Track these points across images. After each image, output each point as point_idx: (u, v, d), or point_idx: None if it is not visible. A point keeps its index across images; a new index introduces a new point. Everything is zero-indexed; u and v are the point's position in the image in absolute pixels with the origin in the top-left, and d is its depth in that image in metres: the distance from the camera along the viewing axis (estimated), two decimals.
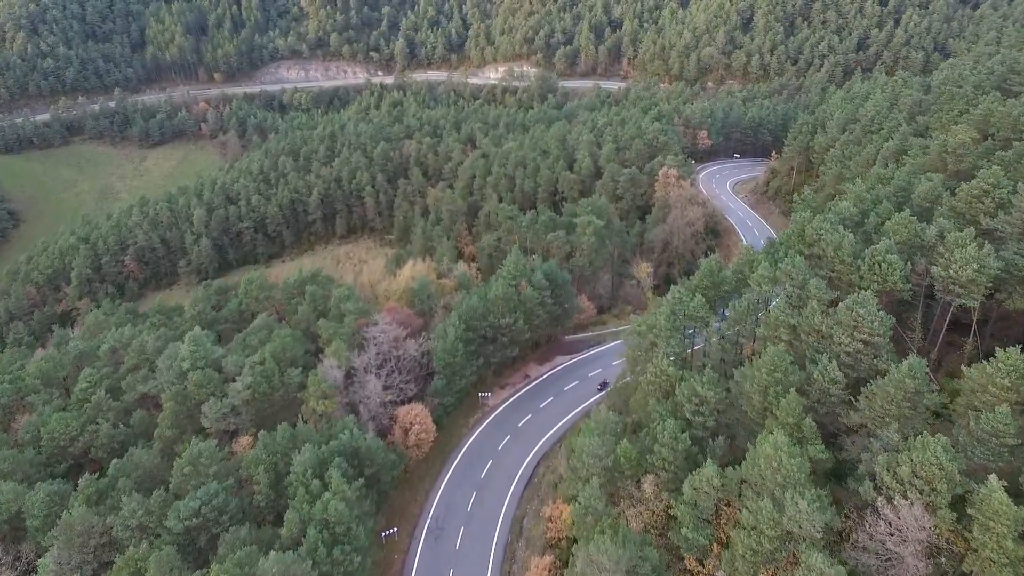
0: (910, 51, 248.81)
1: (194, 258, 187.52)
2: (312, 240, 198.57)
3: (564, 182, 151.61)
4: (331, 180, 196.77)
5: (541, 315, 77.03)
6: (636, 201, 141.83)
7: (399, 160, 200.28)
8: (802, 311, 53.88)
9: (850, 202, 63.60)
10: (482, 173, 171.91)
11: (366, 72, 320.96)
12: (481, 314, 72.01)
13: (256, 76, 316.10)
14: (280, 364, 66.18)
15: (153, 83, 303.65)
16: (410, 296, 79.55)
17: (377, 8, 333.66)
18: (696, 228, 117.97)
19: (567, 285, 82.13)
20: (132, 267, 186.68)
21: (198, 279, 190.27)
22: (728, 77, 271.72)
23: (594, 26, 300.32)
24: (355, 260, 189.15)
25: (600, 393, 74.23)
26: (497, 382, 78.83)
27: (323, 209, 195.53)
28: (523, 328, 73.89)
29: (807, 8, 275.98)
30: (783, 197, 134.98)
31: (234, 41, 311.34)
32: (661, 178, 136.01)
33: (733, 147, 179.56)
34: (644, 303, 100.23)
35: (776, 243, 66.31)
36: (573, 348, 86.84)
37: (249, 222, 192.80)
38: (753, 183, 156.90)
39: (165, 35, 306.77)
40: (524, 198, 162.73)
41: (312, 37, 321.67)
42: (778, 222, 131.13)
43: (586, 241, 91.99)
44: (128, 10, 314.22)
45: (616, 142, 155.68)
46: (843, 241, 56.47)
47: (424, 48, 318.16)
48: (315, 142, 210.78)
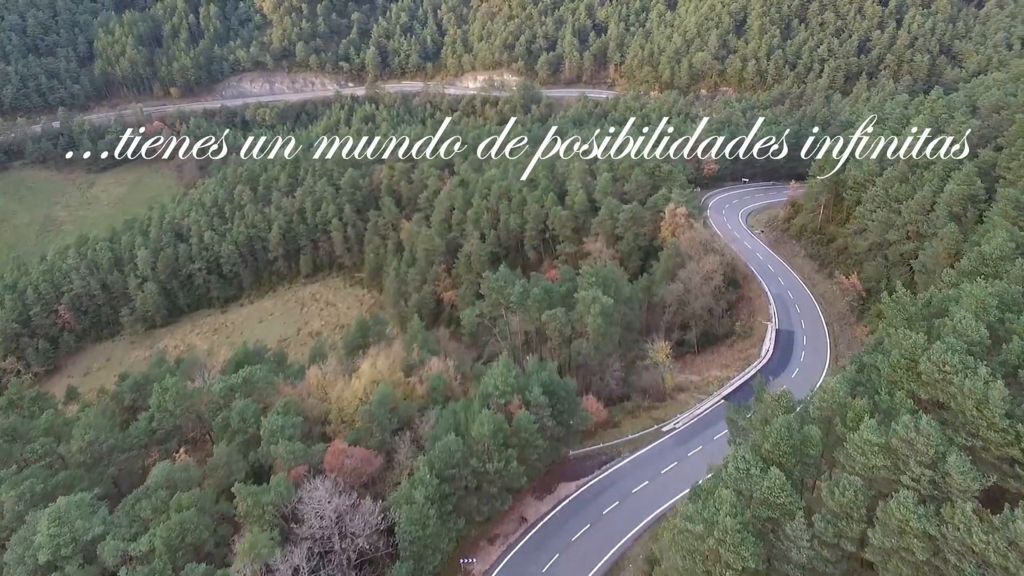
0: (915, 54, 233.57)
1: (139, 305, 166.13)
2: (274, 280, 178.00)
3: (555, 219, 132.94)
4: (293, 213, 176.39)
5: (541, 446, 58.25)
6: (638, 241, 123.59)
7: (369, 188, 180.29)
8: (943, 511, 35.62)
9: (970, 312, 45.63)
10: (461, 205, 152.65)
11: (336, 83, 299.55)
12: (461, 459, 53.08)
13: (216, 90, 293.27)
14: (177, 556, 46.85)
15: (102, 100, 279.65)
16: (368, 419, 60.29)
17: (346, 14, 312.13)
18: (715, 282, 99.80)
19: (571, 395, 63.43)
20: (67, 317, 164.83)
21: (144, 328, 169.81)
22: (722, 84, 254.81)
23: (578, 30, 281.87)
24: (322, 303, 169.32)
25: None
26: (483, 534, 59.78)
27: (285, 246, 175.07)
28: (517, 472, 55.13)
29: (803, 9, 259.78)
30: (808, 236, 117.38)
31: (191, 53, 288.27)
32: (668, 217, 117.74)
33: (740, 171, 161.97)
34: (662, 391, 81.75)
35: (867, 369, 48.04)
36: (580, 469, 68.06)
37: (201, 262, 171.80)
38: (768, 214, 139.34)
39: (115, 47, 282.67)
40: (510, 236, 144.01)
41: (277, 47, 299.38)
42: (804, 267, 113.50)
43: (591, 323, 73.45)
44: (74, 21, 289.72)
45: (612, 171, 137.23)
46: (989, 393, 38.27)
47: (397, 57, 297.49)
48: (276, 169, 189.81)
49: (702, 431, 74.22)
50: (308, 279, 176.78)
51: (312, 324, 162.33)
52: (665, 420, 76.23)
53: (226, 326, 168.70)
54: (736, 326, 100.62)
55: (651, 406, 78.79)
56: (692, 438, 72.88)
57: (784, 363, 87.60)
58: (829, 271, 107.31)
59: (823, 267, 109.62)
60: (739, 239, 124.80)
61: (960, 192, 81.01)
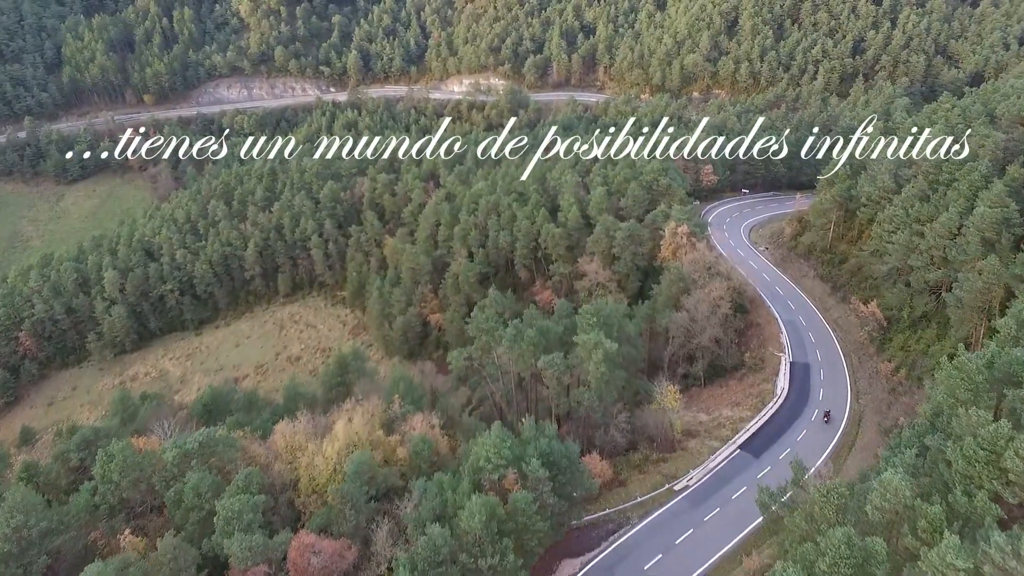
0: (910, 55, 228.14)
1: (106, 330, 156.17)
2: (251, 301, 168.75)
3: (547, 236, 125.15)
4: (271, 228, 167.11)
5: (541, 529, 50.32)
6: (636, 261, 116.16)
7: (350, 202, 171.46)
8: None
9: None
10: (447, 221, 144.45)
11: (316, 89, 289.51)
12: (449, 555, 45.10)
13: (192, 97, 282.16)
14: None
15: (72, 109, 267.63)
16: (340, 500, 52.07)
17: (326, 17, 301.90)
18: (723, 310, 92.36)
19: (575, 463, 55.56)
20: (29, 344, 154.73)
21: (113, 353, 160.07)
22: (715, 87, 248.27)
23: (565, 32, 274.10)
24: (301, 324, 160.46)
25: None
26: None
27: (262, 264, 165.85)
28: (514, 565, 47.16)
29: (796, 9, 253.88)
30: (818, 256, 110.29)
31: (165, 58, 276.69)
32: (668, 236, 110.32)
33: (740, 181, 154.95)
34: (671, 439, 74.15)
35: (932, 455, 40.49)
36: (585, 541, 60.23)
37: (173, 283, 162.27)
38: (771, 228, 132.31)
39: (85, 53, 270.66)
40: (499, 254, 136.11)
41: (255, 52, 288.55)
42: (815, 289, 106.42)
43: (593, 371, 65.63)
44: (41, 25, 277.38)
45: (607, 184, 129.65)
46: None
47: (380, 60, 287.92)
48: (252, 182, 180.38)
49: (718, 489, 66.72)
50: (287, 298, 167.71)
51: (291, 348, 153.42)
52: (676, 476, 68.62)
53: (200, 350, 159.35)
54: (746, 357, 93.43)
55: (660, 458, 71.14)
56: (708, 498, 65.35)
57: (802, 403, 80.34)
58: (843, 294, 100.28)
59: (835, 290, 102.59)
60: (743, 258, 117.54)
61: (992, 216, 74.02)
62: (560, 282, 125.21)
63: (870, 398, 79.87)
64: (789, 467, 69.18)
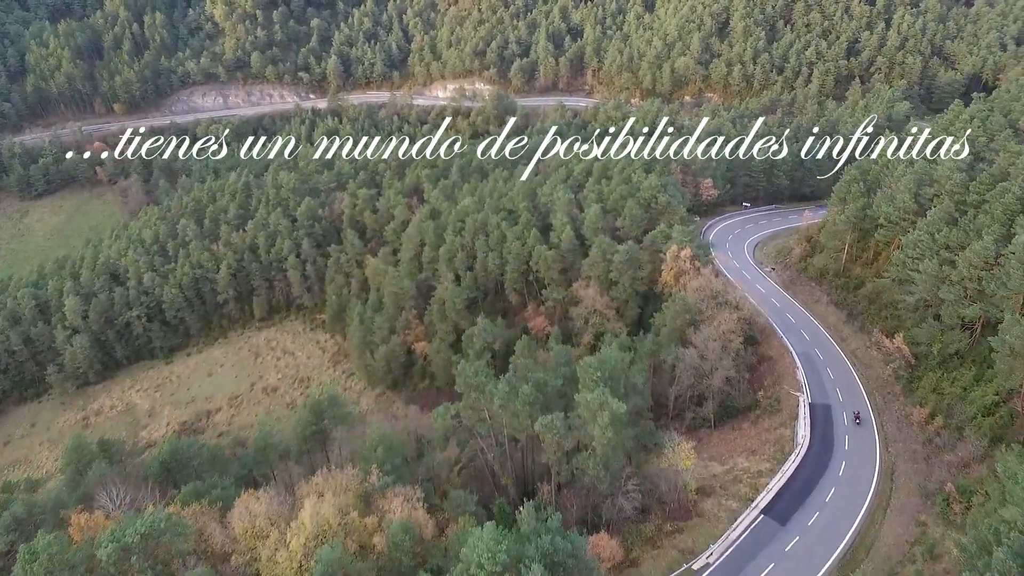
0: (906, 56, 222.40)
1: (67, 361, 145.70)
2: (224, 326, 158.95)
3: (539, 259, 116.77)
4: (244, 249, 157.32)
5: None
6: (635, 286, 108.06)
7: (330, 219, 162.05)
8: None
9: None
10: (432, 241, 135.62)
11: (295, 95, 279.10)
12: None
13: (164, 106, 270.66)
14: None
15: (36, 119, 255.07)
16: None
17: (305, 21, 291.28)
18: (735, 346, 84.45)
19: (582, 561, 47.27)
20: None
21: (76, 385, 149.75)
22: (707, 90, 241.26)
23: (552, 35, 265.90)
24: (279, 351, 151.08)
25: None
26: None
27: (236, 287, 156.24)
28: None
29: (788, 10, 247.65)
30: (831, 280, 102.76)
31: (136, 65, 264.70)
32: (670, 260, 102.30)
33: (740, 194, 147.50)
34: (685, 503, 65.97)
35: None
36: None
37: (141, 308, 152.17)
38: (775, 245, 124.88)
39: (50, 61, 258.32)
40: (488, 277, 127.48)
41: (230, 57, 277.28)
42: (828, 316, 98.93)
43: (599, 435, 57.29)
44: (3, 32, 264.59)
45: (602, 201, 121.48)
46: None
47: (361, 65, 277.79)
48: (225, 199, 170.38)
49: (742, 567, 58.66)
50: (263, 323, 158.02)
51: (268, 377, 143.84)
52: (693, 551, 60.50)
53: (170, 380, 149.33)
54: (759, 396, 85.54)
55: (674, 528, 62.94)
56: None
57: (827, 454, 72.51)
58: (860, 323, 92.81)
59: (852, 318, 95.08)
60: (750, 280, 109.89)
61: None
62: (554, 307, 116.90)
63: (902, 447, 72.22)
64: (819, 538, 62.02)
